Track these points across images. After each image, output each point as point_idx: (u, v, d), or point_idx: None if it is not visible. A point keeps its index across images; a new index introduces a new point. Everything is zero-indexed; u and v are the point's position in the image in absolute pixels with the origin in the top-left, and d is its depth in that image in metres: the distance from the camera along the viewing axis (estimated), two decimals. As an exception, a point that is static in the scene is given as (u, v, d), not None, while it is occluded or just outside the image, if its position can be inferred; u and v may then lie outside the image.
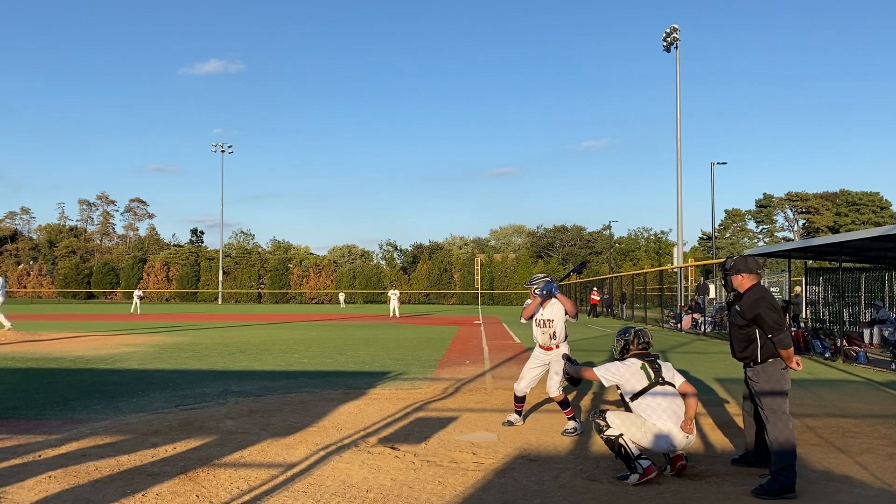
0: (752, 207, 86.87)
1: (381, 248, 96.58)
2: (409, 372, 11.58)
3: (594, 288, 42.71)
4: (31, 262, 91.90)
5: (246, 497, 4.62)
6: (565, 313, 7.00)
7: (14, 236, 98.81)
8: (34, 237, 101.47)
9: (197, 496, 4.61)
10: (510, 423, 7.10)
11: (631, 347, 5.59)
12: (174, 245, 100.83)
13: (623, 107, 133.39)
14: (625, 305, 37.96)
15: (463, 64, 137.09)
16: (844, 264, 17.57)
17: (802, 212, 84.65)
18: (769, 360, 5.08)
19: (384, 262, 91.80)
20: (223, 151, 76.07)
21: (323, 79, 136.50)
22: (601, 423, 5.17)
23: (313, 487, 4.84)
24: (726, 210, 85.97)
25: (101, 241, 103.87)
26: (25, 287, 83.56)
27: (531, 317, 7.11)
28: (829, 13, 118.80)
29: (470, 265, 77.08)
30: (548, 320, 6.98)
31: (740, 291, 5.29)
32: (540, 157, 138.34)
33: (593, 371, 5.59)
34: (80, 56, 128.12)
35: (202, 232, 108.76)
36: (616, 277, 45.28)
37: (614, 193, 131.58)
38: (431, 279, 78.96)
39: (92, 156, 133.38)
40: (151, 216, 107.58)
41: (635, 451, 5.06)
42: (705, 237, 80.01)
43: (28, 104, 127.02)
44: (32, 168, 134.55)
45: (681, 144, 39.39)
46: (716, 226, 51.44)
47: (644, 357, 5.47)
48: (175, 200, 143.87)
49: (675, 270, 37.90)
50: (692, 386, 5.44)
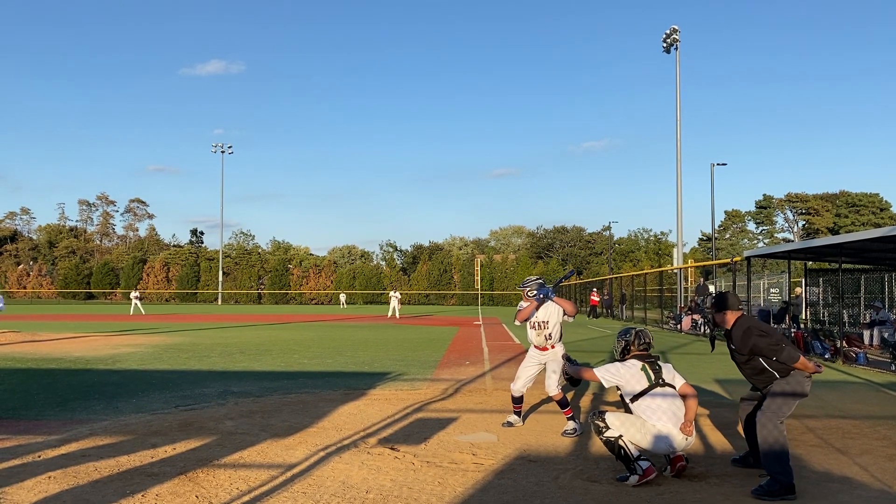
0: (752, 208, 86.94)
1: (381, 249, 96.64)
2: (409, 373, 11.58)
3: (594, 289, 42.71)
4: (31, 263, 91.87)
5: (245, 498, 4.62)
6: (563, 314, 7.00)
7: (14, 237, 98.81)
8: (34, 237, 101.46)
9: (196, 497, 4.61)
10: (510, 424, 7.10)
11: (632, 348, 5.58)
12: (174, 245, 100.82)
13: (623, 108, 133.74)
14: (624, 306, 37.96)
15: (463, 64, 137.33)
16: (844, 265, 17.57)
17: (802, 213, 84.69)
18: (790, 373, 5.08)
19: (384, 263, 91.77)
20: (223, 152, 76.12)
21: (323, 79, 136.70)
22: (600, 425, 5.17)
23: (313, 488, 4.84)
24: (726, 211, 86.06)
25: (101, 242, 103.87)
26: (25, 287, 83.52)
27: (526, 320, 7.09)
28: (829, 14, 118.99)
29: (470, 266, 77.11)
30: (543, 322, 6.96)
31: (727, 328, 5.35)
32: (540, 158, 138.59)
33: (593, 371, 5.58)
34: (81, 56, 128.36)
35: (202, 232, 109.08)
36: (616, 278, 45.28)
37: (614, 194, 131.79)
38: (431, 280, 78.94)
39: (92, 156, 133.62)
40: (151, 217, 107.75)
41: (635, 453, 5.06)
42: (705, 238, 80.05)
43: (28, 104, 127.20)
44: (32, 168, 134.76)
45: (681, 145, 39.43)
46: (716, 227, 51.48)
47: (645, 358, 5.47)
48: (175, 201, 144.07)
49: (675, 271, 37.90)
50: (692, 388, 5.44)
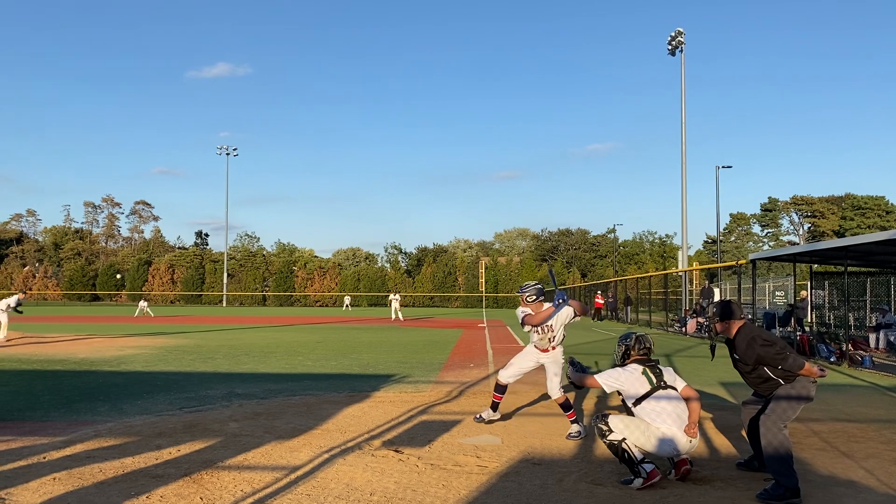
0: (758, 211, 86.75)
1: (386, 251, 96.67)
2: (413, 375, 11.58)
3: (598, 291, 42.67)
4: (37, 265, 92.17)
5: (249, 500, 4.62)
6: (573, 315, 6.98)
7: (20, 238, 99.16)
8: (40, 239, 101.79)
9: (201, 498, 4.62)
10: (481, 419, 7.08)
11: (632, 353, 5.60)
12: (179, 248, 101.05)
13: (628, 110, 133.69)
14: (629, 309, 37.90)
15: (468, 67, 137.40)
16: (850, 268, 17.52)
17: (808, 216, 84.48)
18: (796, 378, 5.05)
19: (388, 265, 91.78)
20: (228, 154, 76.31)
21: (328, 82, 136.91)
22: (604, 428, 5.17)
23: (317, 490, 4.84)
24: (731, 214, 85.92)
25: (107, 244, 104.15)
26: (31, 289, 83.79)
27: (540, 324, 6.96)
28: (834, 16, 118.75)
29: (474, 268, 77.11)
30: (549, 325, 6.95)
31: (729, 337, 5.34)
32: (544, 161, 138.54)
33: (595, 378, 5.58)
34: (88, 59, 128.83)
35: (207, 234, 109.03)
36: (620, 281, 45.22)
37: (619, 197, 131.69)
38: (436, 282, 78.94)
39: (98, 158, 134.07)
40: (156, 219, 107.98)
41: (638, 456, 5.05)
42: (710, 241, 79.94)
43: (34, 106, 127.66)
44: (39, 170, 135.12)
45: (685, 148, 39.38)
46: (721, 229, 51.34)
47: (645, 362, 5.48)
48: (180, 203, 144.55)
49: (680, 274, 37.83)
50: (695, 390, 5.44)
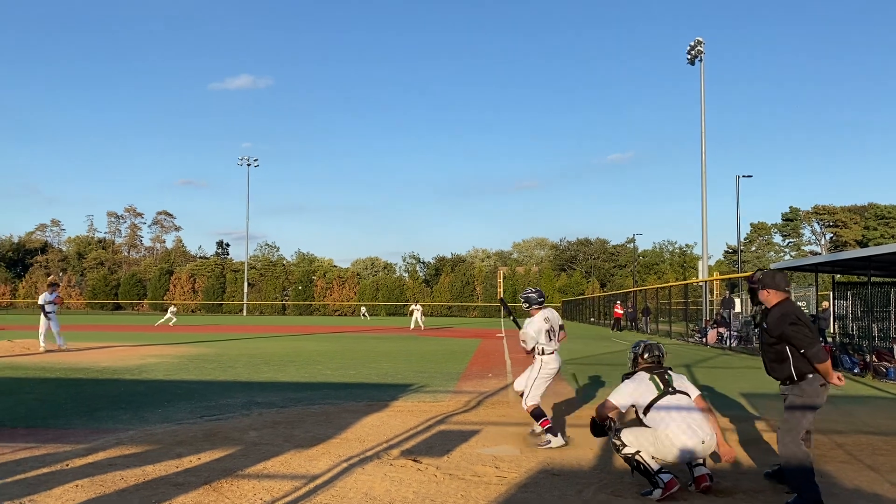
0: (779, 221, 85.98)
1: (404, 261, 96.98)
2: (432, 384, 11.57)
3: (617, 301, 42.42)
4: (61, 274, 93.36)
5: (269, 508, 4.64)
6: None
7: (45, 248, 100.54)
8: (64, 249, 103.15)
9: (221, 507, 4.64)
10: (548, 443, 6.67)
11: (640, 360, 5.58)
12: (200, 257, 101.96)
13: (648, 120, 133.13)
14: (648, 319, 37.62)
15: (487, 78, 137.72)
16: (873, 278, 17.28)
17: (830, 225, 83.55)
18: (807, 377, 4.87)
19: (407, 275, 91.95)
20: (249, 165, 77.01)
21: (349, 93, 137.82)
22: (617, 443, 5.16)
23: (336, 499, 4.85)
24: (752, 223, 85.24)
25: (129, 253, 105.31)
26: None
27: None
28: (855, 25, 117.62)
29: (492, 278, 77.03)
30: (553, 329, 7.18)
31: (767, 307, 5.13)
32: (564, 171, 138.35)
33: (609, 401, 5.42)
34: (114, 72, 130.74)
35: (228, 244, 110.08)
36: (640, 291, 44.93)
37: (638, 206, 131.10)
38: (454, 292, 78.97)
39: (121, 169, 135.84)
40: (178, 228, 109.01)
41: (654, 466, 5.01)
42: (731, 251, 79.29)
43: (60, 118, 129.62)
44: (63, 181, 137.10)
45: (705, 157, 39.12)
46: (741, 239, 50.89)
47: (653, 370, 5.46)
48: (202, 213, 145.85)
49: (700, 284, 37.50)
50: (707, 402, 5.41)
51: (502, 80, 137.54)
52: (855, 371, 14.54)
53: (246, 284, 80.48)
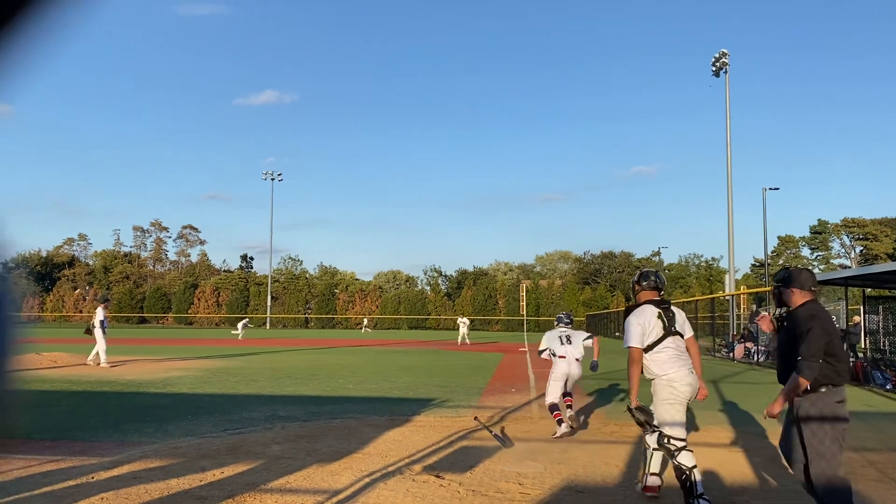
0: (807, 234, 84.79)
1: (426, 274, 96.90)
2: (454, 399, 11.51)
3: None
4: (87, 288, 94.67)
5: (291, 523, 4.62)
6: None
7: (72, 262, 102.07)
8: (90, 263, 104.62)
9: (243, 521, 4.63)
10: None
11: (637, 287, 5.50)
12: (224, 271, 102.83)
13: (673, 132, 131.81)
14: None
15: (510, 90, 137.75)
16: (905, 292, 16.94)
17: (860, 238, 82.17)
18: (821, 389, 4.35)
19: (429, 288, 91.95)
20: (273, 179, 77.76)
21: (372, 107, 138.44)
22: (671, 448, 5.00)
23: (358, 515, 4.81)
24: (779, 236, 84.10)
25: (154, 267, 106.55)
26: (81, 311, 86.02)
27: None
28: (884, 35, 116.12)
29: (515, 291, 76.64)
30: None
31: (791, 307, 4.74)
32: (588, 183, 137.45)
33: (632, 352, 5.24)
34: (141, 89, 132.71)
35: (252, 258, 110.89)
36: (664, 305, 44.38)
37: (664, 219, 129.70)
38: (476, 305, 78.76)
39: (148, 184, 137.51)
40: (203, 242, 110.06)
41: (699, 489, 4.85)
42: (758, 264, 78.27)
43: (87, 134, 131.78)
44: (90, 195, 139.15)
45: (731, 169, 38.74)
46: (768, 252, 50.25)
47: (658, 304, 5.38)
48: (226, 227, 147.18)
49: (727, 298, 37.05)
50: (697, 344, 5.56)
51: (524, 93, 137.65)
52: (887, 387, 14.24)
53: (269, 298, 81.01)
